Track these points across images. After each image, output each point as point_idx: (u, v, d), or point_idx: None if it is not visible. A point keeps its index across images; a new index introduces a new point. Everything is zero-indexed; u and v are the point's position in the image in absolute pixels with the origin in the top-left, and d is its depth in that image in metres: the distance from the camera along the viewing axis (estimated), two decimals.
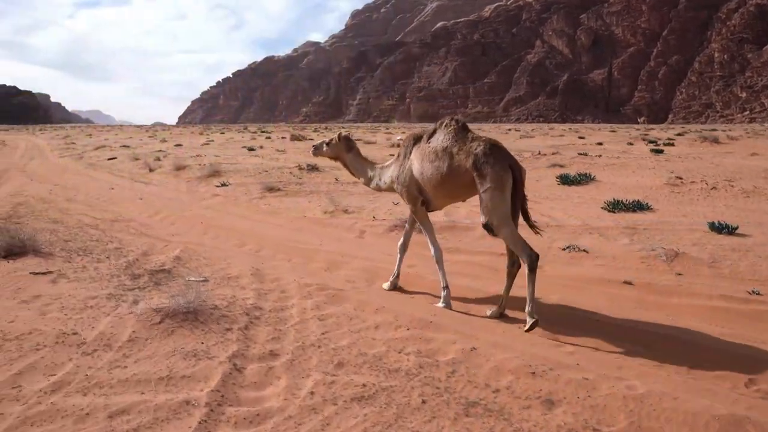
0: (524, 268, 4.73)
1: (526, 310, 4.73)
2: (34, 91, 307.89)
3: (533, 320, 4.65)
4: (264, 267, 6.47)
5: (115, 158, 23.60)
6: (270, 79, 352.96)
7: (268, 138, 43.80)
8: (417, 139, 5.59)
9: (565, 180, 13.24)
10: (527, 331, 4.67)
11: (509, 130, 70.18)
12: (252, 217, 10.87)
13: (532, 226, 5.13)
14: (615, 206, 10.32)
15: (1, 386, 3.44)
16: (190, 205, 12.30)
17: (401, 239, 6.13)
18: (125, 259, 6.59)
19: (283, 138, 42.89)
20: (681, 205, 10.89)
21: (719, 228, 8.36)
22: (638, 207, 10.27)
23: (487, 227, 4.80)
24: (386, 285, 6.07)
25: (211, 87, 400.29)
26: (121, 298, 5.00)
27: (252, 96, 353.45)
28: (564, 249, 7.78)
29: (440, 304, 5.36)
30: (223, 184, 14.45)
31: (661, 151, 21.45)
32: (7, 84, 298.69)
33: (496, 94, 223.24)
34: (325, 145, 6.57)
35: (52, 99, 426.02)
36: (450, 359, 3.92)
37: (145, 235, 8.54)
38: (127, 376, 3.60)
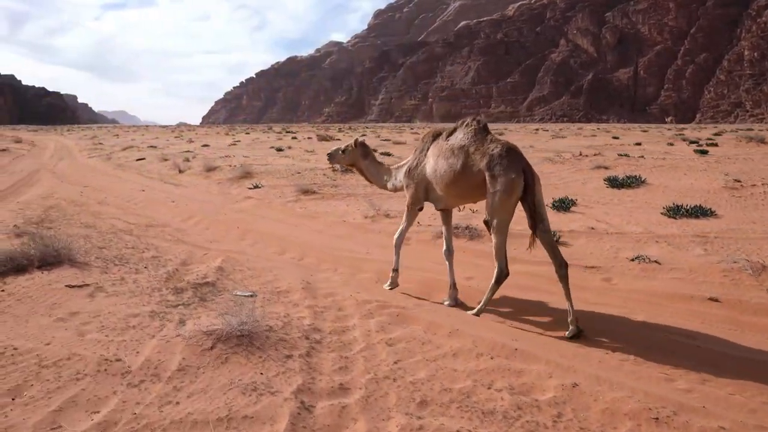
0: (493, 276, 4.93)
1: (477, 307, 5.10)
2: (62, 92, 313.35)
3: (474, 314, 5.04)
4: (314, 279, 5.97)
5: (143, 159, 23.43)
6: (293, 80, 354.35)
7: (295, 138, 43.49)
8: (436, 136, 5.59)
9: (614, 183, 12.53)
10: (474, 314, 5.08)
11: (537, 130, 68.95)
12: (288, 221, 10.42)
13: (537, 227, 4.88)
14: (675, 212, 9.63)
15: (39, 427, 2.98)
16: (223, 208, 11.90)
17: (444, 245, 5.91)
18: (164, 269, 6.15)
19: (309, 138, 42.56)
20: (746, 210, 10.13)
21: None
22: (701, 212, 9.56)
23: (487, 224, 4.90)
24: (447, 301, 5.60)
25: (234, 87, 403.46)
26: (166, 317, 4.54)
27: (275, 96, 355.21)
28: (632, 260, 7.16)
29: (386, 286, 5.89)
30: (256, 186, 14.04)
31: (705, 152, 20.51)
32: (37, 85, 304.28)
33: (519, 94, 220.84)
34: (340, 152, 6.57)
35: (79, 100, 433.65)
36: (551, 398, 3.36)
37: (182, 241, 8.11)
38: (180, 416, 3.11)
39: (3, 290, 5.21)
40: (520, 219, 5.23)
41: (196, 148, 30.02)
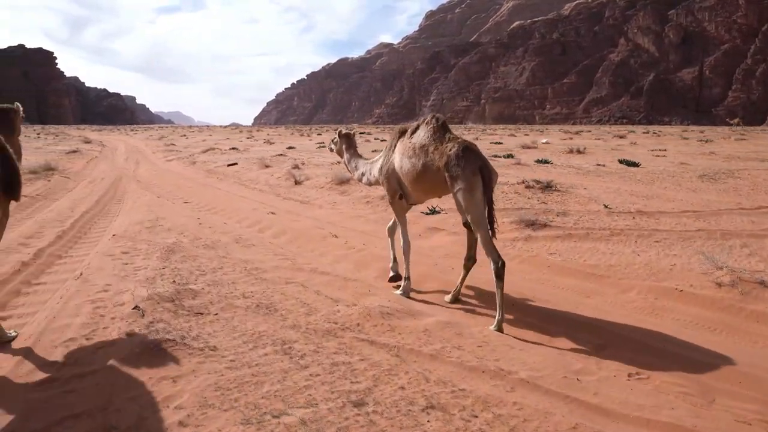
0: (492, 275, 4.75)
1: (496, 318, 4.71)
2: (122, 93, 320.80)
3: (497, 328, 4.66)
4: None
5: (235, 164, 19.62)
6: (343, 81, 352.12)
7: (377, 139, 39.21)
8: (402, 133, 5.59)
9: None
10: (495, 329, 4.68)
11: (657, 132, 62.33)
12: (559, 283, 6.09)
13: (491, 229, 4.79)
14: None
15: None
16: (416, 250, 7.69)
17: (389, 224, 6.18)
18: None
19: (383, 140, 38.11)
20: None
21: None
22: None
23: (467, 225, 5.11)
24: (399, 291, 5.50)
25: (285, 89, 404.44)
26: None
27: (325, 97, 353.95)
28: None
29: (398, 292, 5.57)
30: (433, 211, 9.81)
31: None
32: (98, 87, 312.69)
33: (575, 95, 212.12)
34: (332, 142, 6.86)
35: (137, 101, 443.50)
36: None
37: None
38: None
39: None
40: None
41: (285, 151, 26.12)
